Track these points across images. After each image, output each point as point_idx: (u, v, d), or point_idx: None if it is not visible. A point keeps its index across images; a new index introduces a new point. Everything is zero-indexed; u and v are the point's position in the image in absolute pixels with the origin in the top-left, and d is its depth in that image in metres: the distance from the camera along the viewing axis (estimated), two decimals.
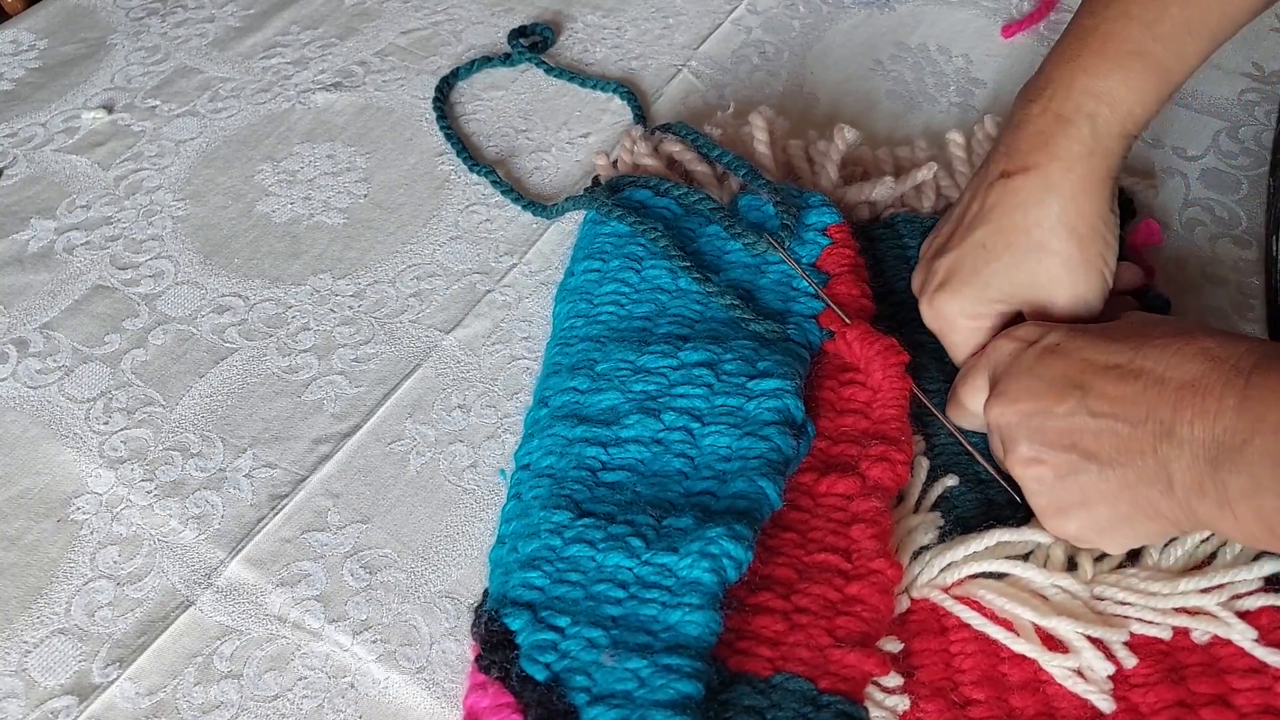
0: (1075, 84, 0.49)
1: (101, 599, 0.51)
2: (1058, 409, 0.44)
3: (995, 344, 0.50)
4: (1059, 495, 0.45)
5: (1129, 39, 0.49)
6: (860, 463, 0.51)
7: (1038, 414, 0.45)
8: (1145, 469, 0.42)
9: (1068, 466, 0.44)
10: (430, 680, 0.48)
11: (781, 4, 0.83)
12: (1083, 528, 0.45)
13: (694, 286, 0.58)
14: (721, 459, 0.50)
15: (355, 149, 0.73)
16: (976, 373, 0.50)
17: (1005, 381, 0.47)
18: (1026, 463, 0.46)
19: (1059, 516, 0.46)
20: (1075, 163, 0.49)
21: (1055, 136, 0.50)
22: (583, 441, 0.51)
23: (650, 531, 0.46)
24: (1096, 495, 0.44)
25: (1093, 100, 0.49)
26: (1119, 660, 0.45)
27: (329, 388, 0.59)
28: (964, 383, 0.51)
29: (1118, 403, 0.43)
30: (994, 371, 0.49)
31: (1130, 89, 0.49)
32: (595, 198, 0.62)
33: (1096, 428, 0.43)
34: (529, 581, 0.46)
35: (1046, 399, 0.45)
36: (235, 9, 0.85)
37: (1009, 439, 0.47)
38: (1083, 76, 0.49)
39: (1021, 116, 0.51)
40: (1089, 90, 0.49)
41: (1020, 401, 0.46)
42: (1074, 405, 0.44)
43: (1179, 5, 0.49)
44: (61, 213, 0.69)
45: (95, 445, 0.57)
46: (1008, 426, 0.47)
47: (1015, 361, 0.47)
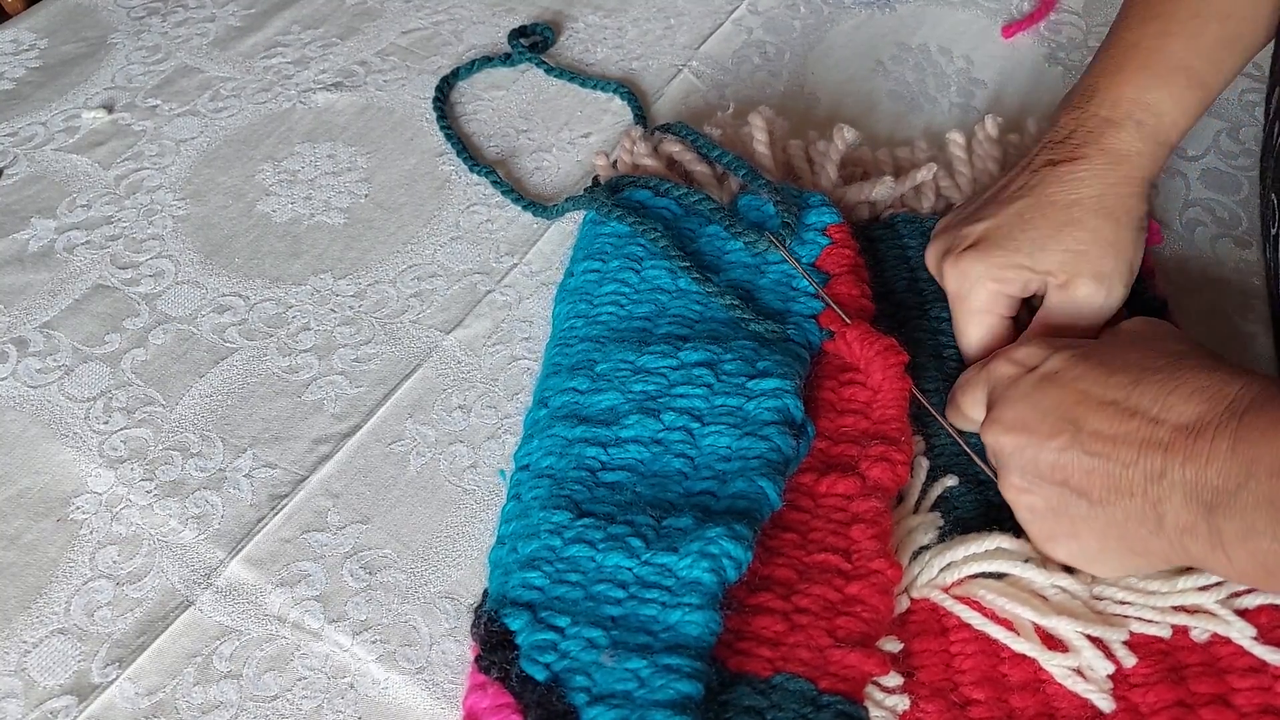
0: (1123, 94, 0.52)
1: (101, 599, 0.51)
2: (1051, 443, 0.44)
3: (995, 363, 0.49)
4: (1049, 525, 0.46)
5: (1171, 55, 0.51)
6: (860, 463, 0.50)
7: (1030, 446, 0.45)
8: (1135, 509, 0.42)
9: (1058, 499, 0.44)
10: (430, 681, 0.48)
11: (783, 4, 0.83)
12: (1073, 555, 0.46)
13: (694, 287, 0.58)
14: (721, 459, 0.49)
15: (356, 149, 0.73)
16: (975, 386, 0.50)
17: (1002, 407, 0.47)
18: (1018, 491, 0.46)
19: (1050, 543, 0.46)
20: (1120, 159, 0.51)
21: (1104, 134, 0.52)
22: (582, 442, 0.51)
23: (650, 531, 0.46)
24: (1086, 529, 0.44)
25: (1140, 109, 0.52)
26: (1119, 660, 0.45)
27: (329, 388, 0.59)
28: (963, 393, 0.51)
29: (1110, 442, 0.43)
30: (992, 390, 0.49)
31: (1174, 102, 0.52)
32: (595, 198, 0.62)
33: (1088, 466, 0.43)
34: (529, 582, 0.46)
35: (1040, 432, 0.45)
36: (236, 8, 0.85)
37: (1002, 464, 0.47)
38: (1129, 88, 0.52)
39: (1068, 119, 0.53)
40: (1136, 100, 0.52)
41: (1014, 431, 0.46)
42: (1067, 441, 0.44)
43: (1218, 21, 0.51)
44: (62, 212, 0.69)
45: (95, 445, 0.57)
46: (1002, 452, 0.47)
47: (1013, 386, 0.47)
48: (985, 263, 0.52)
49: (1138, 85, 0.52)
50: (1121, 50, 0.53)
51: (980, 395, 0.50)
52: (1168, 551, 0.42)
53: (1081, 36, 0.79)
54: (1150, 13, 0.53)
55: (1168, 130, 0.52)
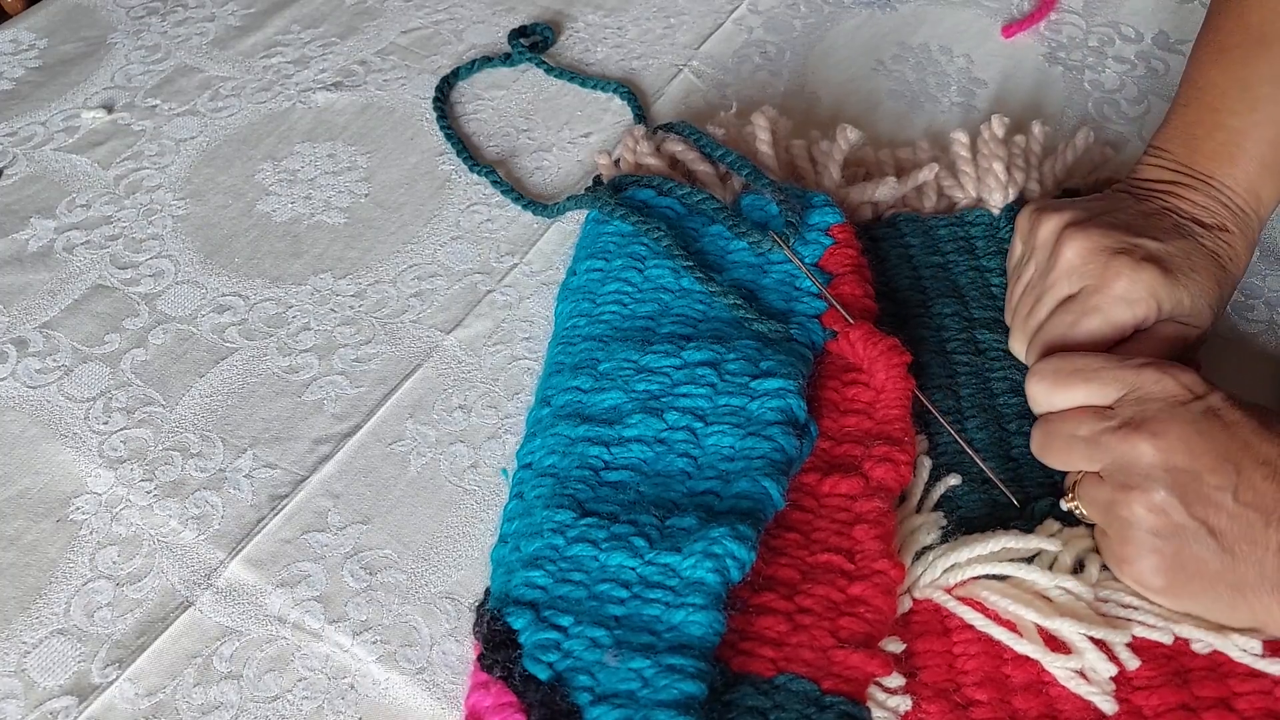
0: (1240, 186, 0.54)
1: (101, 599, 0.51)
2: (1210, 478, 0.44)
3: (1150, 372, 0.47)
4: (1163, 553, 0.44)
5: (1278, 145, 0.54)
6: (864, 463, 0.50)
7: (1189, 472, 0.44)
8: (1260, 565, 0.42)
9: (1191, 533, 0.44)
10: (430, 681, 0.48)
11: (783, 4, 0.83)
12: (1170, 585, 0.45)
13: (697, 286, 0.58)
14: (725, 459, 0.49)
15: (356, 148, 0.73)
16: (1109, 380, 0.47)
17: (1163, 423, 0.45)
18: (1153, 509, 0.44)
19: (1149, 569, 0.45)
20: (1248, 248, 0.55)
21: (1238, 220, 0.54)
22: (585, 441, 0.51)
23: (654, 531, 0.46)
24: (1201, 569, 0.44)
25: (1254, 200, 0.55)
26: (1122, 662, 0.44)
27: (329, 388, 0.59)
28: (1089, 379, 0.48)
29: (1261, 497, 0.43)
30: (1138, 398, 0.47)
31: (1277, 190, 0.55)
32: (598, 197, 0.62)
33: (1234, 511, 0.43)
34: (532, 581, 0.46)
35: (1204, 462, 0.44)
36: (236, 8, 0.84)
37: (1137, 475, 0.45)
38: (1245, 179, 0.54)
39: (1203, 199, 0.55)
40: (1252, 190, 0.54)
41: (1175, 452, 0.44)
42: (1225, 482, 0.43)
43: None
44: (61, 212, 0.69)
45: (95, 445, 0.56)
46: (1143, 464, 0.45)
47: (1180, 408, 0.45)
48: (1162, 284, 0.51)
49: (1253, 178, 0.54)
50: (1234, 136, 0.55)
51: (1111, 390, 0.47)
52: (1262, 615, 0.43)
53: (1081, 36, 0.79)
54: (1254, 96, 0.54)
55: (1264, 218, 0.56)
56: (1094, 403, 0.48)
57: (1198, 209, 0.54)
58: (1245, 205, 0.54)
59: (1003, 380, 0.55)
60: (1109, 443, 0.46)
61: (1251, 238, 0.55)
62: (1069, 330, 0.52)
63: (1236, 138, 0.54)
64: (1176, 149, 0.56)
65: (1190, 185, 0.55)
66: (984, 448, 0.53)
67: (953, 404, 0.55)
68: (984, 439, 0.53)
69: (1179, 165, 0.56)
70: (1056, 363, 0.49)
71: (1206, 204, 0.54)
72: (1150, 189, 0.56)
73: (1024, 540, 0.48)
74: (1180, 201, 0.55)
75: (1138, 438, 0.45)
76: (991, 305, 0.59)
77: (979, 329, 0.58)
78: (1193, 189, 0.55)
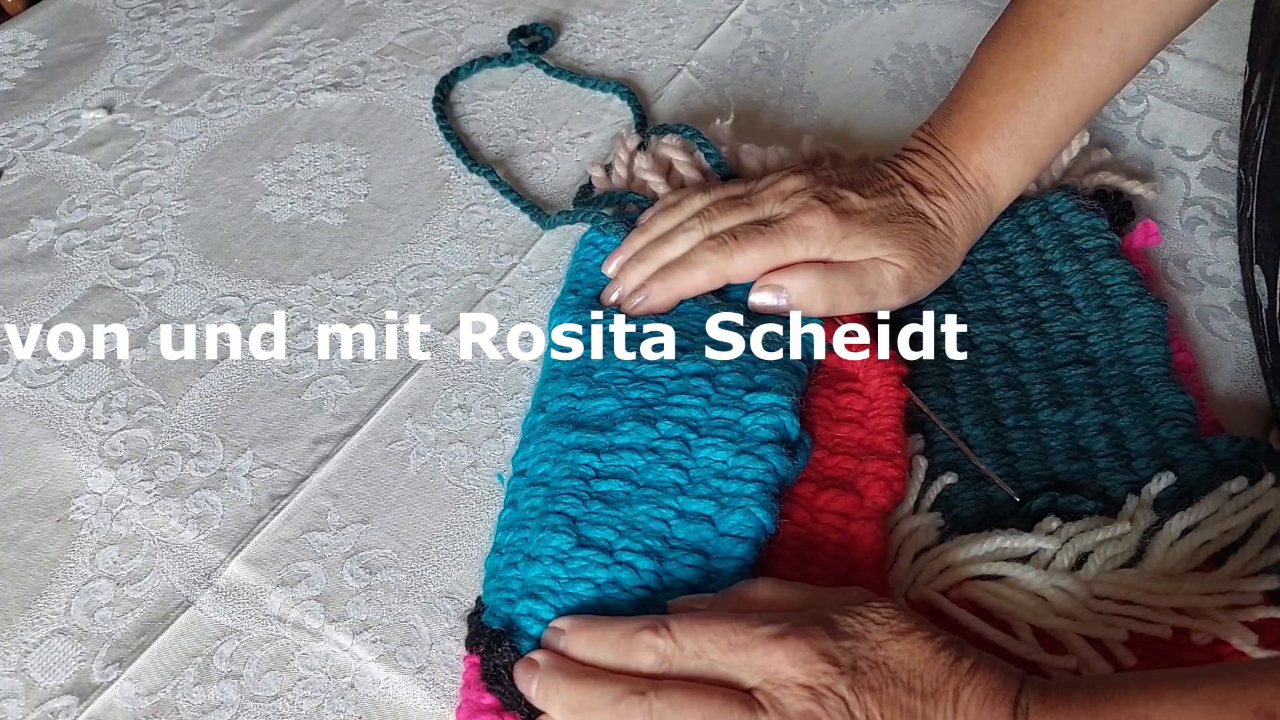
0: (971, 161, 0.57)
1: (101, 599, 0.51)
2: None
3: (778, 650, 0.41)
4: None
5: (1016, 131, 0.57)
6: (857, 480, 0.50)
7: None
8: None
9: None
10: (430, 680, 0.48)
11: (782, 4, 0.83)
12: None
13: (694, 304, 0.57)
14: (717, 474, 0.49)
15: (355, 149, 0.73)
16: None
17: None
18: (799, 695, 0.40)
19: None
20: (972, 219, 0.58)
21: (960, 190, 0.57)
22: (577, 448, 0.51)
23: (651, 578, 0.46)
24: None
25: (984, 178, 0.57)
26: (1118, 660, 0.45)
27: (329, 388, 0.59)
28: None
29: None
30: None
31: (1010, 176, 0.58)
32: (594, 213, 0.62)
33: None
34: (536, 613, 0.46)
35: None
36: (235, 8, 0.85)
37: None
38: (977, 157, 0.57)
39: (929, 165, 0.58)
40: (982, 169, 0.57)
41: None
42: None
43: (1058, 99, 0.56)
44: (61, 212, 0.69)
45: (95, 445, 0.57)
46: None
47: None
48: (839, 227, 0.55)
49: (986, 157, 0.57)
50: (976, 115, 0.57)
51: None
52: None
53: None
54: (1003, 79, 0.57)
55: (1002, 201, 0.59)
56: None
57: (921, 174, 0.58)
58: (973, 181, 0.57)
59: (997, 375, 0.55)
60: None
61: (974, 210, 0.58)
62: (749, 270, 0.56)
63: (979, 116, 0.57)
64: (936, 121, 0.60)
65: (925, 154, 0.58)
66: (980, 444, 0.53)
67: (948, 401, 0.55)
68: (980, 435, 0.53)
69: (929, 136, 0.59)
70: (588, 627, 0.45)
71: (933, 171, 0.58)
72: (900, 154, 0.60)
73: (1020, 539, 0.48)
74: (910, 167, 0.58)
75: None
76: (985, 298, 0.59)
77: (973, 323, 0.58)
78: (927, 156, 0.58)
